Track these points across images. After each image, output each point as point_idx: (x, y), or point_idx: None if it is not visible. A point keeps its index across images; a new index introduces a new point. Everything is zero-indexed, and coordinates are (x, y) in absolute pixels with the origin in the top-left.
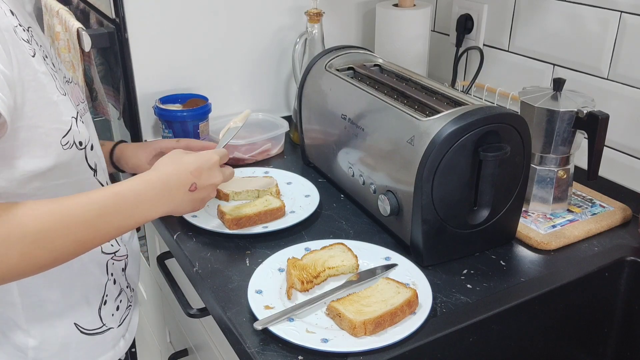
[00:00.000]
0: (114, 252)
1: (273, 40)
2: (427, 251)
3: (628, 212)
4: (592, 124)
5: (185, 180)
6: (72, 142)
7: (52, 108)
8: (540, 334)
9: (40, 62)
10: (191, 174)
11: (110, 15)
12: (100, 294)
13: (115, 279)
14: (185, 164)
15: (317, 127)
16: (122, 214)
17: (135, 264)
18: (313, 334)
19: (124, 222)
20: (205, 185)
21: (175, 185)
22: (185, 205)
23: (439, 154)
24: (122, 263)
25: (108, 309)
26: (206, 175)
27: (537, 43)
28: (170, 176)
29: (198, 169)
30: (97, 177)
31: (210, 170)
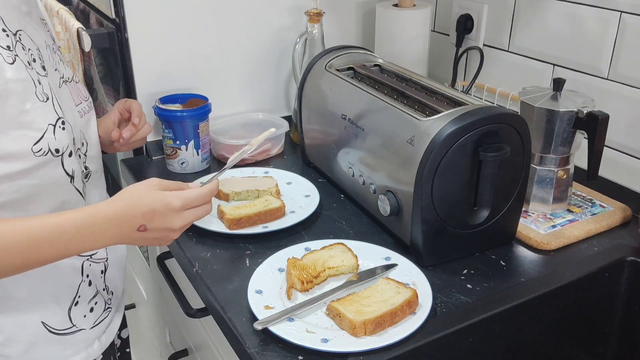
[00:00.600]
0: (90, 255)
1: (273, 40)
2: (427, 251)
3: (628, 212)
4: (592, 124)
5: (134, 221)
6: (47, 150)
7: (21, 116)
8: (540, 334)
9: (20, 68)
10: (142, 216)
11: (110, 15)
12: (72, 295)
13: (91, 280)
14: (139, 204)
15: (317, 127)
16: (55, 245)
17: (118, 269)
18: (313, 334)
19: (56, 253)
20: (158, 228)
21: (121, 223)
22: (136, 241)
23: (439, 154)
24: (100, 265)
25: (79, 310)
26: (159, 219)
27: (537, 43)
28: (118, 213)
29: (151, 212)
30: (74, 183)
31: (165, 215)
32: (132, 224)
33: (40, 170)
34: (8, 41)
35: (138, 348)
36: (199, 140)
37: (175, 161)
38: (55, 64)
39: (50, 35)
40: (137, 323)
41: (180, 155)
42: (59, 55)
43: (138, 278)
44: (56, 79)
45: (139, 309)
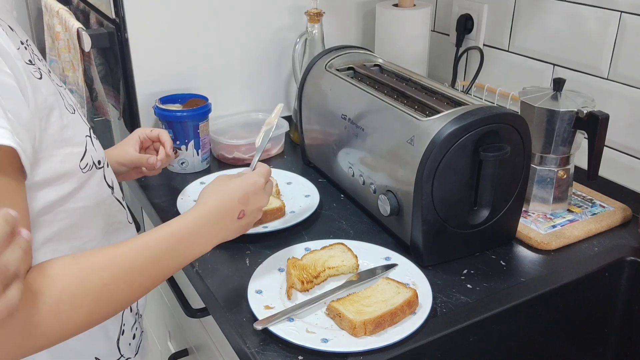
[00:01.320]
0: None
1: (273, 40)
2: (427, 251)
3: (628, 212)
4: (592, 124)
5: (234, 209)
6: (92, 164)
7: (63, 133)
8: (540, 333)
9: (47, 82)
10: (239, 202)
11: (110, 15)
12: (118, 325)
13: (131, 307)
14: (231, 192)
15: (317, 127)
16: (175, 255)
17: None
18: (313, 334)
19: (178, 262)
20: (253, 211)
21: (224, 216)
22: (234, 233)
23: (439, 154)
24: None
25: (125, 339)
26: (253, 200)
27: (537, 43)
28: (220, 208)
29: (244, 195)
30: (115, 194)
31: (256, 194)
32: (233, 213)
33: (86, 187)
34: (28, 54)
35: None
36: (199, 140)
37: (176, 161)
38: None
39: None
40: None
41: (181, 155)
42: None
43: None
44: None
45: None
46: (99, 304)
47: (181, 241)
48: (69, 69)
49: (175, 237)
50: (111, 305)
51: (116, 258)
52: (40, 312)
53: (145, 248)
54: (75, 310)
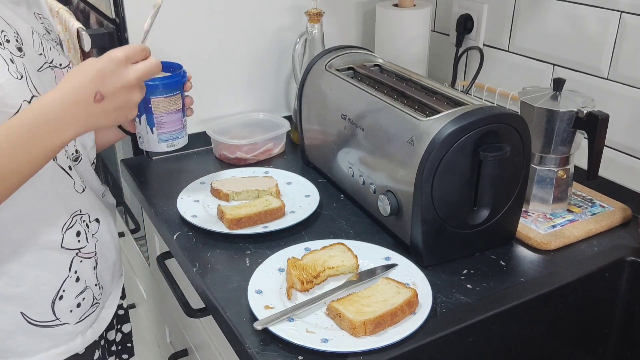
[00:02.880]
0: (78, 249)
1: (273, 40)
2: (427, 251)
3: (628, 212)
4: (592, 124)
5: (85, 92)
6: None
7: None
8: (540, 334)
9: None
10: (91, 82)
11: (110, 15)
12: (55, 289)
13: (79, 276)
14: (84, 72)
15: (317, 127)
16: (16, 153)
17: (107, 263)
18: (313, 334)
19: (22, 160)
20: (114, 90)
21: (74, 101)
22: (99, 119)
23: (439, 154)
24: (91, 261)
25: (64, 305)
26: (110, 78)
27: (537, 43)
28: (67, 92)
29: (99, 73)
30: (57, 161)
31: (114, 72)
32: (86, 96)
33: None
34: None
35: (138, 348)
36: (152, 116)
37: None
38: (44, 50)
39: (45, 27)
40: (137, 323)
41: (138, 129)
42: (51, 45)
43: (138, 278)
44: (37, 62)
45: (139, 308)
46: None
47: (19, 134)
48: None
49: (11, 130)
50: None
51: None
52: None
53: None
54: None
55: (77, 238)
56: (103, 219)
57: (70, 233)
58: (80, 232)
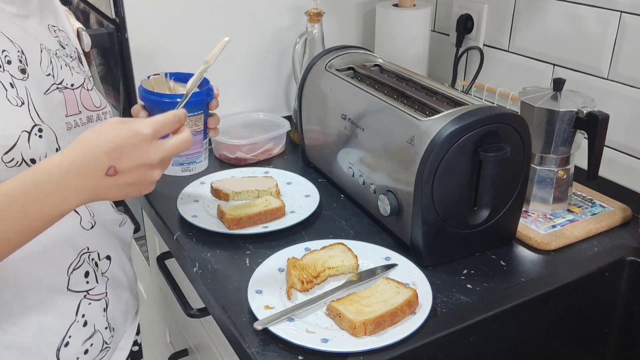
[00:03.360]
0: (86, 290)
1: (273, 40)
2: (427, 251)
3: (628, 212)
4: (592, 124)
5: (99, 164)
6: (20, 160)
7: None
8: (541, 334)
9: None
10: (107, 155)
11: (110, 15)
12: (60, 336)
13: (87, 320)
14: (100, 142)
15: (317, 127)
16: (8, 218)
17: (120, 303)
18: (313, 334)
19: (14, 227)
20: (131, 167)
21: (83, 171)
22: (107, 193)
23: (439, 154)
24: (101, 303)
25: (70, 351)
26: (129, 154)
27: (537, 43)
28: (76, 160)
29: (116, 148)
30: None
31: (136, 148)
32: (98, 169)
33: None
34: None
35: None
36: (167, 136)
37: None
38: (53, 70)
39: (59, 41)
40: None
41: None
42: (65, 62)
43: (138, 278)
44: (44, 84)
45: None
46: None
47: (15, 202)
48: None
49: (5, 197)
50: None
51: None
52: None
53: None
54: None
55: (86, 279)
56: (115, 255)
57: (77, 274)
58: (89, 272)
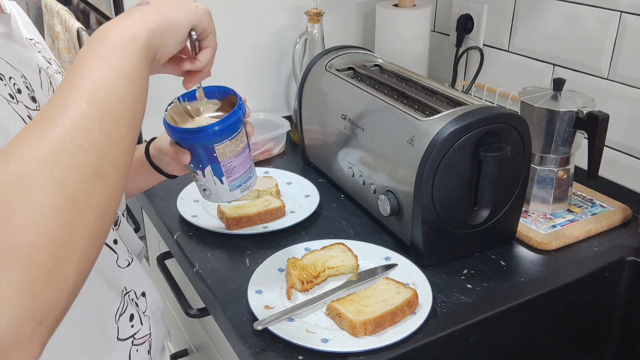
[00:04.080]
0: (132, 335)
1: (273, 40)
2: (427, 251)
3: (628, 212)
4: (592, 124)
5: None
6: None
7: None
8: (541, 334)
9: (2, 104)
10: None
11: (110, 15)
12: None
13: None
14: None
15: (317, 127)
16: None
17: (159, 339)
18: (313, 334)
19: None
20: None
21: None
22: (166, 13)
23: (439, 154)
24: (146, 345)
25: None
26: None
27: (537, 43)
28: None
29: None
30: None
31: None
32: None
33: None
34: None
35: None
36: (218, 165)
37: (197, 185)
38: (49, 90)
39: (43, 56)
40: None
41: (200, 181)
42: (58, 79)
43: None
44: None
45: None
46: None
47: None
48: None
49: (78, 60)
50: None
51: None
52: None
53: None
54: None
55: (131, 322)
56: (148, 289)
57: (124, 319)
58: (134, 315)
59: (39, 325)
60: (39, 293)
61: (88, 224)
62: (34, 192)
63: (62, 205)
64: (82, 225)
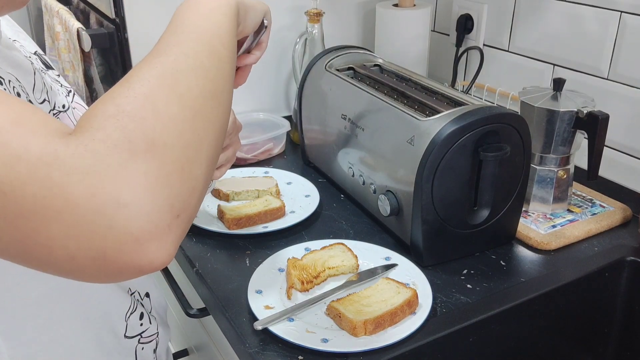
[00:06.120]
0: (140, 333)
1: (273, 40)
2: (427, 251)
3: (628, 212)
4: (592, 124)
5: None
6: None
7: None
8: (541, 334)
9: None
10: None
11: (110, 15)
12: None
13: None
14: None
15: (317, 127)
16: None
17: (165, 339)
18: (313, 334)
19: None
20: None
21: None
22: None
23: (439, 154)
24: (152, 344)
25: None
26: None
27: (537, 43)
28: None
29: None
30: None
31: None
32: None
33: None
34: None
35: None
36: None
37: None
38: (47, 94)
39: (26, 56)
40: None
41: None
42: (50, 77)
43: None
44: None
45: None
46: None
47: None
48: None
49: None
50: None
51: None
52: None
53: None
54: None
55: (140, 321)
56: (151, 290)
57: (134, 318)
58: (144, 314)
59: (177, 219)
60: (176, 186)
61: (208, 135)
62: (159, 102)
63: (185, 113)
64: (204, 134)
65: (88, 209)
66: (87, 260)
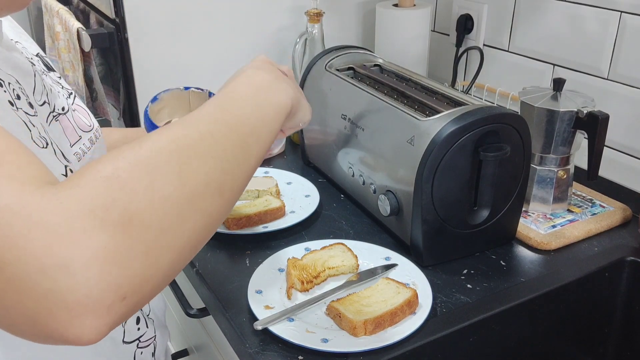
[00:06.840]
0: (138, 338)
1: (273, 40)
2: (427, 251)
3: (628, 212)
4: (592, 124)
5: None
6: None
7: None
8: (541, 334)
9: (7, 110)
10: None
11: (110, 15)
12: None
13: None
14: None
15: (317, 127)
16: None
17: (163, 342)
18: (313, 334)
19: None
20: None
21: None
22: (287, 86)
23: (439, 154)
24: (150, 348)
25: None
26: (260, 62)
27: (537, 43)
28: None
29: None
30: None
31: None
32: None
33: None
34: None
35: None
36: None
37: None
38: (48, 95)
39: (28, 57)
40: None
41: None
42: (51, 79)
43: None
44: (44, 115)
45: None
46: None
47: (236, 95)
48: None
49: (223, 97)
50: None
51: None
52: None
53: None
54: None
55: (137, 326)
56: None
57: (130, 322)
58: (140, 318)
59: (121, 301)
60: (132, 268)
61: (195, 226)
62: (158, 177)
63: (179, 199)
64: (190, 224)
65: (36, 267)
66: (20, 317)
